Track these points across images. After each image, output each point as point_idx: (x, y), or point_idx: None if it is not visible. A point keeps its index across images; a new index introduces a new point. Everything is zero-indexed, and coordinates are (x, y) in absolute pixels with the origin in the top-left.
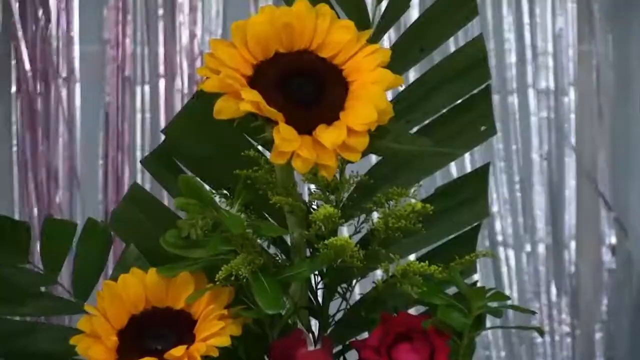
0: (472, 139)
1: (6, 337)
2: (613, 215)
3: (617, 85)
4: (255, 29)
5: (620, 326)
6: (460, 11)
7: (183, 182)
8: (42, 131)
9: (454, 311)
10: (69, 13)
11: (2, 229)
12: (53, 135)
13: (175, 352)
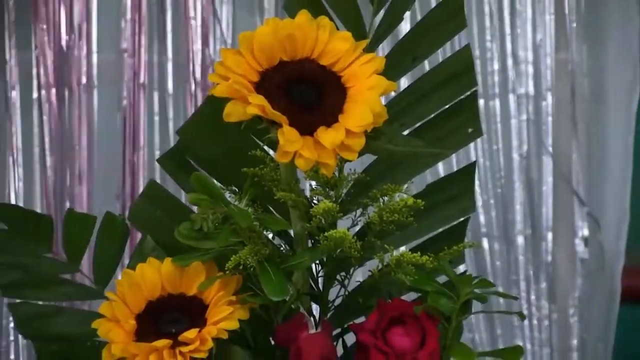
0: (460, 140)
1: (32, 319)
2: (586, 210)
3: (591, 91)
4: (261, 39)
5: (592, 311)
6: (450, 24)
7: (195, 179)
8: (64, 133)
9: (443, 297)
10: (89, 25)
11: (27, 221)
12: (76, 136)
13: (188, 335)
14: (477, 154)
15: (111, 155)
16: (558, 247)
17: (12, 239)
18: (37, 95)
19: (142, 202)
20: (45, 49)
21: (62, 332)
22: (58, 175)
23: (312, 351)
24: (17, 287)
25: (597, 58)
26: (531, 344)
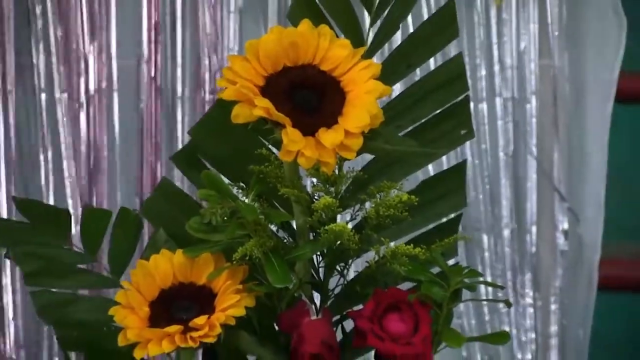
0: (453, 141)
1: (53, 306)
2: (566, 206)
3: (572, 95)
4: (266, 47)
5: (572, 299)
6: (443, 34)
7: (205, 177)
8: (87, 134)
9: (435, 286)
10: (109, 33)
11: (47, 215)
12: (98, 137)
13: (198, 321)
14: (466, 153)
15: (130, 154)
16: (541, 240)
17: (33, 231)
18: (59, 97)
19: (155, 198)
20: (70, 55)
21: (81, 318)
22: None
23: (314, 336)
24: (38, 276)
25: (577, 64)
26: (516, 330)
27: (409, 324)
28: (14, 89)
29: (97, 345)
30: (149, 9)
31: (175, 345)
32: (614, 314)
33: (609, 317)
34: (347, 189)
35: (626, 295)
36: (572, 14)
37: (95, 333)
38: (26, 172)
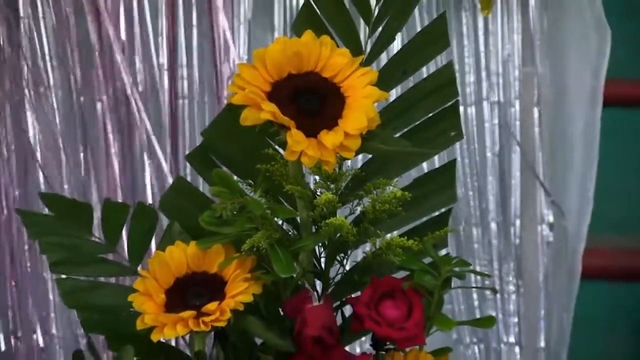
0: (444, 142)
1: (76, 292)
2: (550, 200)
3: (553, 99)
4: (272, 55)
5: (555, 286)
6: (435, 44)
7: (216, 175)
8: (112, 135)
9: (427, 275)
10: (133, 44)
11: (70, 208)
12: (123, 138)
13: (210, 307)
14: (456, 153)
15: (150, 153)
16: (525, 232)
17: (57, 223)
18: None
19: (171, 194)
20: (98, 64)
21: (102, 303)
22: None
23: (315, 321)
24: (62, 264)
25: (558, 71)
26: (502, 314)
27: (403, 310)
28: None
29: (117, 328)
30: (168, 23)
31: (189, 329)
32: (595, 300)
33: (591, 303)
34: (347, 185)
35: (608, 283)
36: (553, 25)
37: (115, 317)
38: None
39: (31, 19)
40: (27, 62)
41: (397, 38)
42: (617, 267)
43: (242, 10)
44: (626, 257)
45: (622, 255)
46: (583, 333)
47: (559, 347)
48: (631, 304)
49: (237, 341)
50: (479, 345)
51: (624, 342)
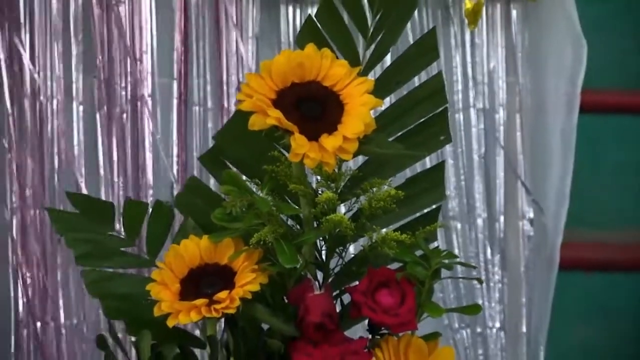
0: (434, 145)
1: (99, 282)
2: (531, 198)
3: (534, 106)
4: (278, 66)
5: (536, 277)
6: (426, 56)
7: (227, 175)
8: (130, 140)
9: (418, 266)
10: (149, 55)
11: (94, 206)
12: (140, 142)
13: (221, 295)
14: (445, 155)
15: (164, 154)
16: (508, 227)
17: (82, 220)
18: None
19: (185, 193)
20: (115, 74)
21: (123, 292)
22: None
23: (317, 308)
24: (86, 257)
25: (538, 80)
26: (487, 302)
27: (397, 298)
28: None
29: (136, 314)
30: (180, 36)
31: (202, 316)
32: (572, 289)
33: (568, 292)
34: (345, 185)
35: (584, 274)
36: (533, 39)
37: (134, 304)
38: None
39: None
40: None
41: (391, 50)
42: (591, 259)
43: (250, 26)
44: (600, 250)
45: (597, 248)
46: (560, 319)
47: (538, 332)
48: (604, 292)
49: (245, 326)
50: (466, 330)
51: (598, 327)
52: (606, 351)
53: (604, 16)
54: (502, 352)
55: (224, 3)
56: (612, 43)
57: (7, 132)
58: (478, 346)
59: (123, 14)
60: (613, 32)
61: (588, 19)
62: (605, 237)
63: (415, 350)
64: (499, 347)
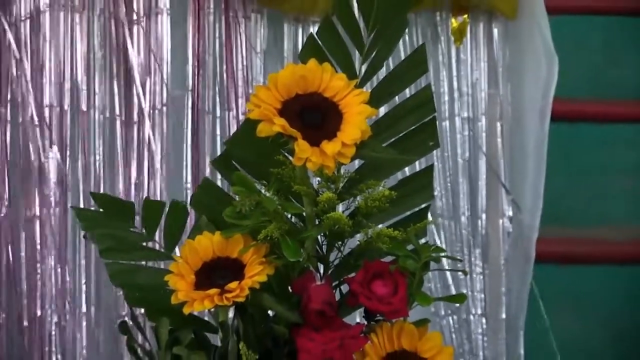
0: (424, 150)
1: (122, 273)
2: (510, 198)
3: (512, 115)
4: (283, 79)
5: (514, 268)
6: (416, 70)
7: (236, 177)
8: (148, 145)
9: (409, 259)
10: (164, 68)
11: (115, 205)
12: (157, 147)
13: (231, 286)
14: (433, 159)
15: (180, 159)
16: (490, 224)
17: (105, 217)
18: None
19: (199, 193)
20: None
21: (143, 282)
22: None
23: (318, 297)
24: (110, 251)
25: (516, 92)
26: (471, 291)
27: (390, 288)
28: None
29: (155, 303)
30: (193, 51)
31: (214, 304)
32: (546, 280)
33: (543, 282)
34: (344, 186)
35: (557, 266)
36: (513, 54)
37: (153, 294)
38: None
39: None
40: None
41: (385, 65)
42: (564, 253)
43: (257, 42)
44: (572, 245)
45: (569, 243)
46: (536, 307)
47: (517, 318)
48: (577, 283)
49: (254, 314)
50: (452, 317)
51: (571, 314)
52: (579, 335)
53: (577, 34)
54: (484, 336)
55: (234, 22)
56: (584, 58)
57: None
58: (463, 331)
59: (141, 31)
60: (585, 48)
61: (564, 37)
62: (577, 233)
63: (406, 335)
64: (481, 332)
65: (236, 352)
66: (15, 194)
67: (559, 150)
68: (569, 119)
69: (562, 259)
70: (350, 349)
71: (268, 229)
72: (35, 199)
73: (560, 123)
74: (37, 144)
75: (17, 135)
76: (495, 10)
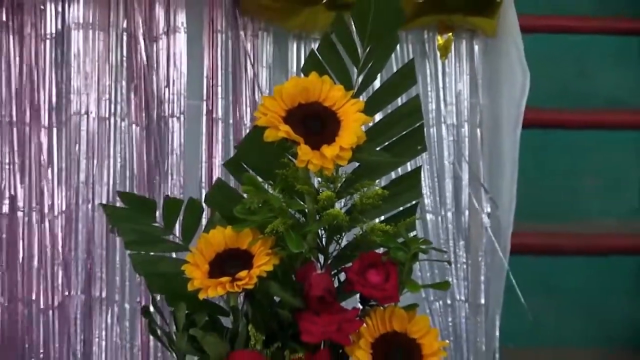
0: (413, 153)
1: (144, 263)
2: (489, 196)
3: (491, 123)
4: (287, 90)
5: (492, 259)
6: (406, 81)
7: (246, 177)
8: (167, 149)
9: (400, 251)
10: (181, 81)
11: (140, 203)
12: (174, 150)
13: (241, 274)
14: (421, 161)
15: (196, 161)
16: (472, 219)
17: (130, 214)
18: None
19: (213, 192)
20: (154, 96)
21: (163, 272)
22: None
23: (319, 284)
24: (134, 243)
25: (495, 102)
26: (455, 279)
27: (383, 276)
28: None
29: (174, 289)
30: (209, 66)
31: (226, 290)
32: (520, 268)
33: (517, 270)
34: (342, 185)
35: (531, 257)
36: (491, 69)
37: (172, 281)
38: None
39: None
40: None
41: (378, 77)
42: (537, 245)
43: (264, 57)
44: (544, 238)
45: (541, 236)
46: (512, 293)
47: (495, 304)
48: (548, 272)
49: (261, 299)
50: (438, 302)
51: (543, 300)
52: (550, 319)
53: (549, 51)
54: (466, 319)
55: (244, 39)
56: (555, 72)
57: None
58: (448, 315)
59: (161, 47)
60: (555, 63)
61: (537, 53)
62: (549, 228)
63: (397, 318)
64: (464, 316)
65: (245, 333)
66: (51, 191)
67: (533, 153)
68: (542, 126)
69: (536, 251)
70: (347, 331)
71: (274, 223)
72: (67, 195)
73: (534, 130)
74: (69, 147)
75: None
76: (476, 29)
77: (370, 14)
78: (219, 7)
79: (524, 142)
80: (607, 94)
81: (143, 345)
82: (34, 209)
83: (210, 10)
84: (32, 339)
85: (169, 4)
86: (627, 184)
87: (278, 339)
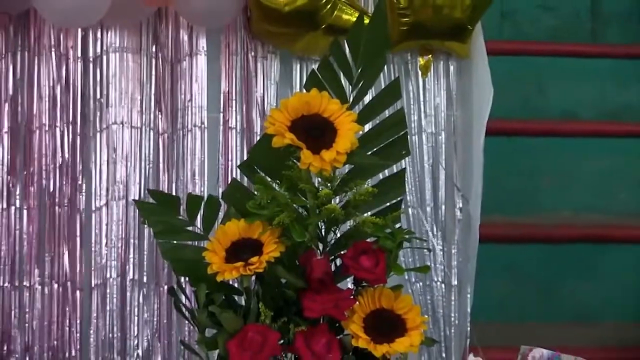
0: (398, 157)
1: (171, 251)
2: (461, 194)
3: (463, 132)
4: (292, 103)
5: (465, 247)
6: (392, 96)
7: (257, 178)
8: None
9: (388, 240)
10: (202, 96)
11: (167, 199)
12: (196, 155)
13: (253, 260)
14: (405, 164)
15: (215, 164)
16: (447, 213)
17: (159, 208)
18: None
19: (229, 190)
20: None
21: (187, 258)
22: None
23: (319, 268)
24: (162, 233)
25: (467, 114)
26: (433, 264)
27: (373, 261)
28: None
29: (196, 272)
30: (225, 83)
31: (240, 273)
32: (487, 256)
33: (485, 258)
34: (338, 184)
35: (497, 245)
36: (464, 85)
37: (195, 265)
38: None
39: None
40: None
41: (369, 93)
42: (503, 234)
43: (272, 75)
44: (509, 228)
45: (506, 227)
46: (481, 275)
47: (467, 285)
48: (511, 257)
49: (270, 281)
50: (419, 283)
51: (508, 283)
52: (514, 299)
53: (512, 70)
54: (442, 298)
55: (254, 60)
56: (518, 88)
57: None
58: (427, 294)
59: (185, 67)
60: (518, 80)
61: (502, 72)
62: (513, 220)
63: (385, 297)
64: (440, 295)
65: (256, 310)
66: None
67: (500, 157)
68: (507, 134)
69: (502, 239)
70: (342, 308)
71: (280, 216)
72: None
73: (500, 137)
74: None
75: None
76: (452, 52)
77: (362, 40)
78: (234, 33)
79: (492, 148)
80: (561, 107)
81: (168, 320)
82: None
83: (227, 36)
84: (76, 316)
85: (192, 30)
86: (579, 181)
87: (284, 315)
